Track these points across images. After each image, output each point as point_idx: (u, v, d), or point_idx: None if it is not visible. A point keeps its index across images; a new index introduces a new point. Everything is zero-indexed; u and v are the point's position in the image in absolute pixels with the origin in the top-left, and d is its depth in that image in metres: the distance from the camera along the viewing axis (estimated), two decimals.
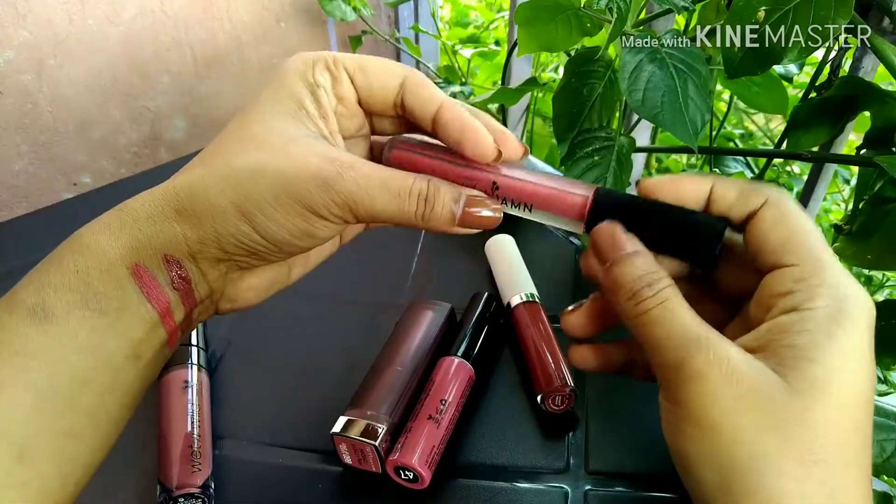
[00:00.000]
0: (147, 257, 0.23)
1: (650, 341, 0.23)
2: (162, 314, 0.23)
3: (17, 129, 0.66)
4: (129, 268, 0.23)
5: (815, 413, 0.20)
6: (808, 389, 0.20)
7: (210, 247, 0.24)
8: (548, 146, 0.87)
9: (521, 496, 0.32)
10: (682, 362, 0.22)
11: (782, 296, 0.23)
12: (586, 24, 0.41)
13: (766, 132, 0.92)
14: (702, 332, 0.22)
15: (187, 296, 0.24)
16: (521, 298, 0.41)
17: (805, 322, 0.21)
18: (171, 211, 0.24)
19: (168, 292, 0.23)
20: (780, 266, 0.23)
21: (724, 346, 0.22)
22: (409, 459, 0.31)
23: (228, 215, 0.23)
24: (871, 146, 0.40)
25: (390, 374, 0.35)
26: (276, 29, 0.79)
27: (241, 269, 0.26)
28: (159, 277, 0.23)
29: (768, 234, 0.24)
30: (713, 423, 0.21)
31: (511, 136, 0.26)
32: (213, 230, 0.23)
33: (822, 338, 0.21)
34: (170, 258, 0.23)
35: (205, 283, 0.25)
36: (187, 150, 0.78)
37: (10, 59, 0.62)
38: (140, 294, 0.23)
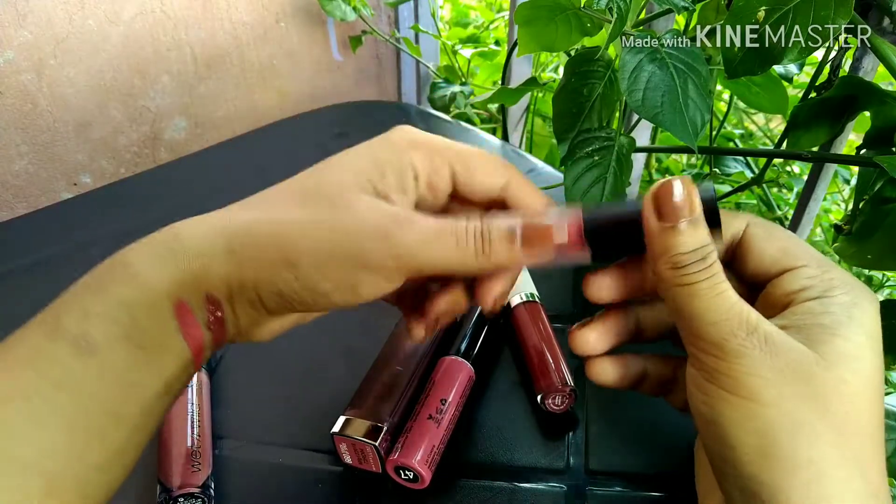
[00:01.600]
0: (191, 294, 0.23)
1: (689, 312, 0.23)
2: (195, 352, 0.24)
3: (17, 128, 0.66)
4: (173, 304, 0.23)
5: (850, 385, 0.22)
6: (840, 361, 0.22)
7: (249, 291, 0.24)
8: (548, 146, 0.87)
9: (522, 496, 0.32)
10: (725, 336, 0.22)
11: (800, 291, 0.24)
12: (586, 24, 0.41)
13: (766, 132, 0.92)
14: (744, 308, 0.23)
15: (219, 335, 0.24)
16: (521, 298, 0.41)
17: (829, 306, 0.23)
18: (222, 250, 0.23)
19: (204, 331, 0.24)
20: (787, 269, 0.25)
21: (763, 323, 0.23)
22: (410, 459, 0.31)
23: (276, 264, 0.23)
24: (871, 146, 0.40)
25: (390, 374, 0.35)
26: (276, 29, 0.79)
27: (269, 314, 0.25)
28: (199, 316, 0.23)
29: (764, 247, 0.26)
30: (755, 392, 0.22)
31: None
32: (255, 276, 0.23)
33: (845, 318, 0.23)
34: (211, 298, 0.24)
35: (235, 325, 0.25)
36: (187, 150, 0.78)
37: (10, 59, 0.62)
38: (178, 331, 0.23)
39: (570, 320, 0.42)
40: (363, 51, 0.87)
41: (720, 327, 0.23)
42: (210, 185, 0.58)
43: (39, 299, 0.24)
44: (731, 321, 0.23)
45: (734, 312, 0.23)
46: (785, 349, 0.22)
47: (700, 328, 0.23)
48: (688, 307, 0.23)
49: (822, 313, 0.23)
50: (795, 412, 0.21)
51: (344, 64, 0.88)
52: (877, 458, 0.22)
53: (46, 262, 0.50)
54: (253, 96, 0.81)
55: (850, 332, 0.23)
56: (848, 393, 0.22)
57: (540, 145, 0.87)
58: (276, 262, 0.23)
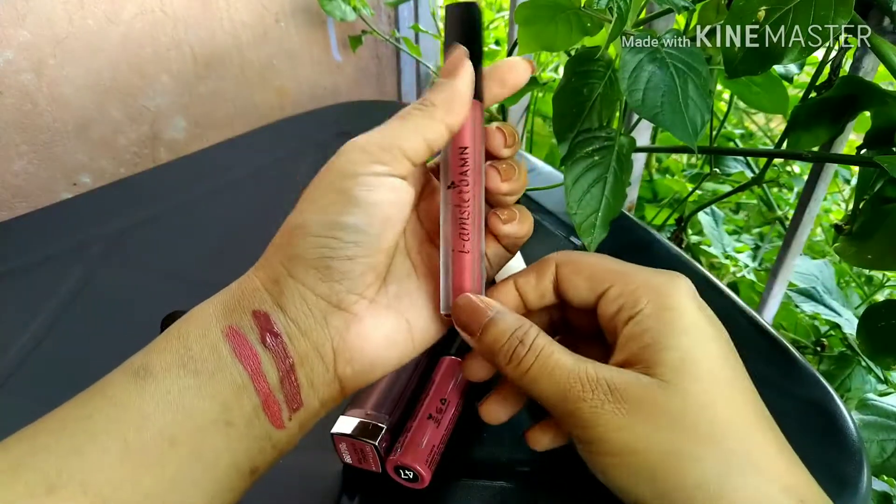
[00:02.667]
0: (239, 317, 0.23)
1: (543, 397, 0.24)
2: (252, 374, 0.23)
3: (16, 128, 0.66)
4: (223, 330, 0.23)
5: (698, 393, 0.22)
6: (677, 375, 0.23)
7: (288, 280, 0.24)
8: (548, 146, 0.87)
9: (521, 495, 0.32)
10: (576, 405, 0.23)
11: (616, 314, 0.25)
12: (586, 23, 0.41)
13: (766, 132, 0.92)
14: (580, 371, 0.24)
15: (279, 353, 0.23)
16: None
17: (642, 322, 0.24)
18: (254, 269, 0.25)
19: (259, 351, 0.23)
20: (599, 295, 0.26)
21: (603, 374, 0.23)
22: (410, 459, 0.31)
23: (290, 235, 0.24)
24: (872, 146, 0.40)
25: (390, 373, 0.35)
26: (276, 29, 0.79)
27: (335, 307, 0.24)
28: (250, 336, 0.23)
29: (574, 281, 0.27)
30: (626, 446, 0.22)
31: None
32: (282, 262, 0.24)
33: (661, 327, 0.24)
34: (258, 313, 0.24)
35: (301, 337, 0.24)
36: (187, 150, 0.78)
37: (9, 58, 0.62)
38: (233, 355, 0.23)
39: None
40: (363, 51, 0.87)
41: (568, 398, 0.23)
42: (210, 185, 0.58)
43: (39, 299, 0.23)
44: (574, 387, 0.23)
45: (573, 377, 0.23)
46: (629, 390, 0.23)
47: (554, 406, 0.24)
48: (537, 392, 0.24)
49: (641, 333, 0.24)
50: (666, 445, 0.22)
51: (344, 64, 0.88)
52: (769, 439, 0.23)
53: (46, 262, 0.50)
54: (253, 96, 0.81)
55: (671, 340, 0.23)
56: (701, 401, 0.22)
57: (540, 145, 0.87)
58: (289, 234, 0.24)
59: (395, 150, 0.24)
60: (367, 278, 0.25)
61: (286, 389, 0.24)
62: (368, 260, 0.24)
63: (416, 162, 0.25)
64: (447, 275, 0.26)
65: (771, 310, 0.62)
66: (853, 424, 0.35)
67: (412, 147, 0.24)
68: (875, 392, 0.57)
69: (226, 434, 0.22)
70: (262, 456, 0.24)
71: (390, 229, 0.25)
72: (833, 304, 0.59)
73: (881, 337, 0.39)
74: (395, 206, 0.25)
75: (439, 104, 0.25)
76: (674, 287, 0.25)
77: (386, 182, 0.24)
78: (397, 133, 0.24)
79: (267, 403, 0.23)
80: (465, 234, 0.26)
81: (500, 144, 0.27)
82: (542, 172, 0.58)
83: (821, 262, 0.63)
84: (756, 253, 0.81)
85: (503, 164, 0.27)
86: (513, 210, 0.28)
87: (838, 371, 0.58)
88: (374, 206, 0.24)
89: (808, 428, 0.35)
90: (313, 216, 0.24)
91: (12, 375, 0.40)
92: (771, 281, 0.59)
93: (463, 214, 0.26)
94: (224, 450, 0.22)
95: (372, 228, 0.24)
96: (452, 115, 0.25)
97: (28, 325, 0.43)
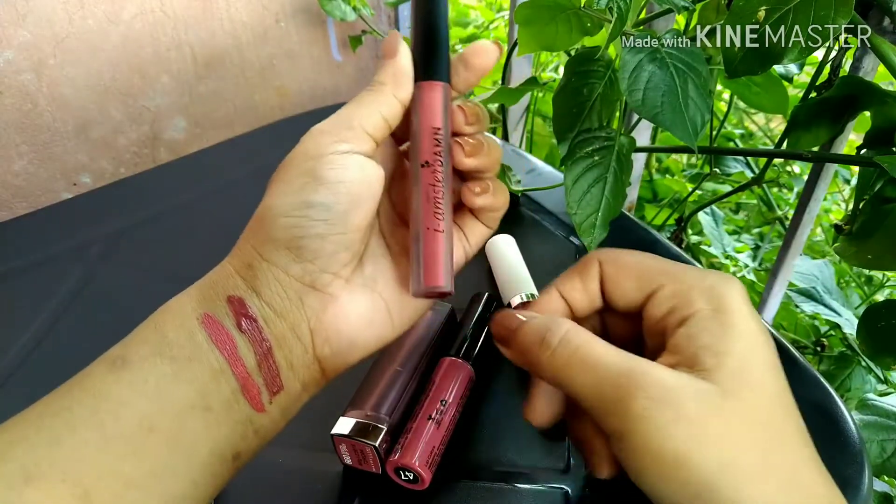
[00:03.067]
0: (214, 304, 0.24)
1: (583, 394, 0.23)
2: (230, 359, 0.23)
3: (16, 128, 0.66)
4: (199, 318, 0.23)
5: (756, 401, 0.22)
6: (736, 381, 0.22)
7: (261, 263, 0.24)
8: (548, 146, 0.87)
9: (522, 497, 0.32)
10: (621, 407, 0.21)
11: (668, 315, 0.24)
12: (586, 23, 0.41)
13: (766, 132, 0.92)
14: (632, 365, 0.22)
15: (256, 336, 0.24)
16: (521, 298, 0.41)
17: (699, 323, 0.23)
18: (228, 257, 0.25)
19: (234, 335, 0.23)
20: (649, 295, 0.25)
21: (658, 372, 0.22)
22: (410, 460, 0.31)
23: (259, 220, 0.25)
24: (872, 146, 0.40)
25: (390, 374, 0.35)
26: (276, 29, 0.79)
27: (310, 287, 0.24)
28: (225, 321, 0.23)
29: (621, 281, 0.26)
30: (675, 454, 0.21)
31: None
32: (253, 245, 0.24)
33: (719, 330, 0.23)
34: (232, 298, 0.24)
35: (277, 318, 0.24)
36: (187, 150, 0.78)
37: (9, 59, 0.62)
38: (209, 341, 0.23)
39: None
40: (363, 51, 0.87)
41: (617, 394, 0.22)
42: (210, 185, 0.58)
43: (38, 299, 0.24)
44: (622, 383, 0.22)
45: (623, 371, 0.22)
46: (687, 393, 0.21)
47: (597, 403, 0.22)
48: (578, 387, 0.23)
49: (697, 334, 0.23)
50: (722, 459, 0.20)
51: (344, 64, 0.88)
52: (810, 456, 0.22)
53: (46, 262, 0.50)
54: (253, 96, 0.81)
55: (730, 344, 0.22)
56: (759, 416, 0.21)
57: (540, 145, 0.87)
58: (259, 219, 0.25)
59: (357, 129, 0.25)
60: (341, 257, 0.25)
61: (265, 372, 0.24)
62: (340, 238, 0.24)
63: (377, 138, 0.26)
64: (419, 255, 0.26)
65: (771, 310, 0.62)
66: (853, 425, 0.35)
67: (372, 124, 0.25)
68: (875, 392, 0.57)
69: (205, 419, 0.22)
70: (245, 441, 0.24)
71: (360, 207, 0.25)
72: (833, 304, 0.59)
73: (881, 337, 0.39)
74: (363, 184, 0.25)
75: (387, 81, 0.26)
76: (729, 288, 0.24)
77: (351, 160, 0.24)
78: (356, 113, 0.25)
79: (246, 387, 0.23)
80: (439, 212, 0.26)
81: (462, 122, 0.27)
82: (542, 172, 0.58)
83: (821, 262, 0.63)
84: (756, 253, 0.81)
85: (468, 140, 0.27)
86: (485, 182, 0.28)
87: (838, 371, 0.58)
88: (340, 183, 0.24)
89: (809, 428, 0.34)
90: (282, 198, 0.24)
91: (12, 375, 0.40)
92: (771, 281, 0.59)
93: (437, 193, 0.26)
94: (204, 435, 0.22)
95: (339, 206, 0.24)
96: (400, 89, 0.26)
97: (28, 325, 0.43)
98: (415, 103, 0.27)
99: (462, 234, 0.29)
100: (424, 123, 0.27)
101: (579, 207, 0.41)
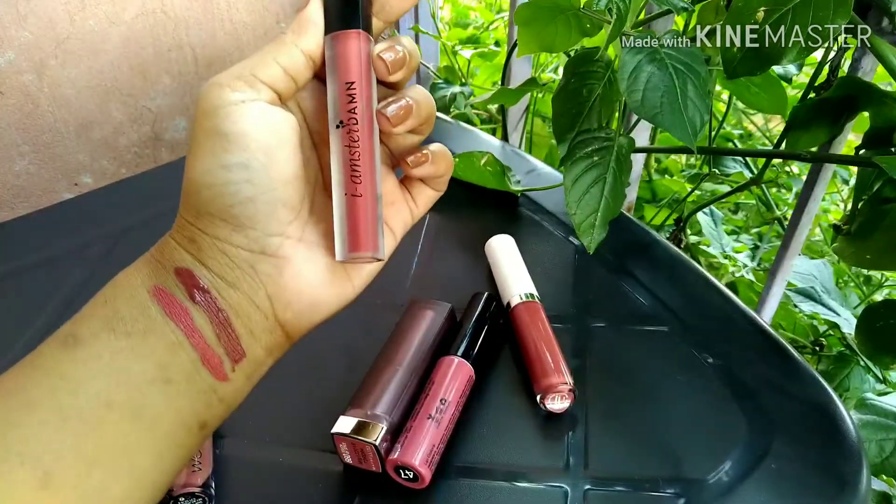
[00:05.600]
0: (163, 277, 0.23)
1: None
2: (187, 332, 0.23)
3: (18, 129, 0.66)
4: (149, 291, 0.23)
5: None
6: None
7: (192, 225, 0.23)
8: (547, 146, 0.87)
9: (521, 496, 0.32)
10: None
11: None
12: (586, 24, 0.42)
13: (765, 132, 0.92)
14: None
15: (211, 307, 0.23)
16: (520, 298, 0.41)
17: None
18: (169, 232, 0.24)
19: (189, 307, 0.23)
20: None
21: None
22: (410, 459, 0.31)
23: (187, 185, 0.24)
24: (870, 146, 0.40)
25: (390, 373, 0.35)
26: (277, 30, 0.79)
27: (260, 254, 0.24)
28: (177, 294, 0.23)
29: None
30: None
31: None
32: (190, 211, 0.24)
33: None
34: (180, 270, 0.23)
35: (230, 289, 0.24)
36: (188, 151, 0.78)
37: (11, 59, 0.62)
38: (163, 314, 0.23)
39: (570, 320, 0.42)
40: None
41: None
42: None
43: (39, 299, 0.24)
44: None
45: None
46: None
47: None
48: None
49: None
50: None
51: None
52: None
53: (47, 262, 0.50)
54: None
55: None
56: None
57: (540, 145, 0.87)
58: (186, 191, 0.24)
59: (248, 76, 0.23)
60: (281, 215, 0.24)
61: (225, 342, 0.23)
62: (270, 195, 0.23)
63: (278, 89, 0.24)
64: (341, 220, 0.25)
65: (770, 310, 0.62)
66: (852, 424, 0.35)
67: (266, 72, 0.23)
68: (874, 392, 0.57)
69: (164, 392, 0.22)
70: (209, 410, 0.23)
71: (277, 158, 0.23)
72: (832, 303, 0.60)
73: (880, 336, 0.39)
74: (270, 132, 0.23)
75: (289, 31, 0.25)
76: None
77: (250, 109, 0.23)
78: (249, 62, 0.24)
79: (206, 357, 0.23)
80: (356, 176, 0.24)
81: (384, 72, 0.25)
82: (542, 173, 0.58)
83: (819, 262, 0.63)
84: (755, 253, 0.81)
85: (391, 107, 0.25)
86: (422, 152, 0.26)
87: (837, 371, 0.58)
88: (245, 135, 0.23)
89: (808, 428, 0.35)
90: (196, 165, 0.23)
91: None
92: (770, 281, 0.60)
93: (353, 156, 0.24)
94: (165, 408, 0.22)
95: (255, 161, 0.23)
96: (303, 38, 0.24)
97: (28, 326, 0.43)
98: (329, 58, 0.25)
99: (409, 195, 0.28)
100: (338, 79, 0.24)
101: (578, 208, 0.41)
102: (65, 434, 0.20)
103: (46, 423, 0.20)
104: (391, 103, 0.25)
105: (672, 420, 0.36)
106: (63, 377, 0.21)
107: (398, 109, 0.25)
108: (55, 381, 0.21)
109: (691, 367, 0.39)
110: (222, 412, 0.24)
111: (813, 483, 0.32)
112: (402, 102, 0.25)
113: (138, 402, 0.22)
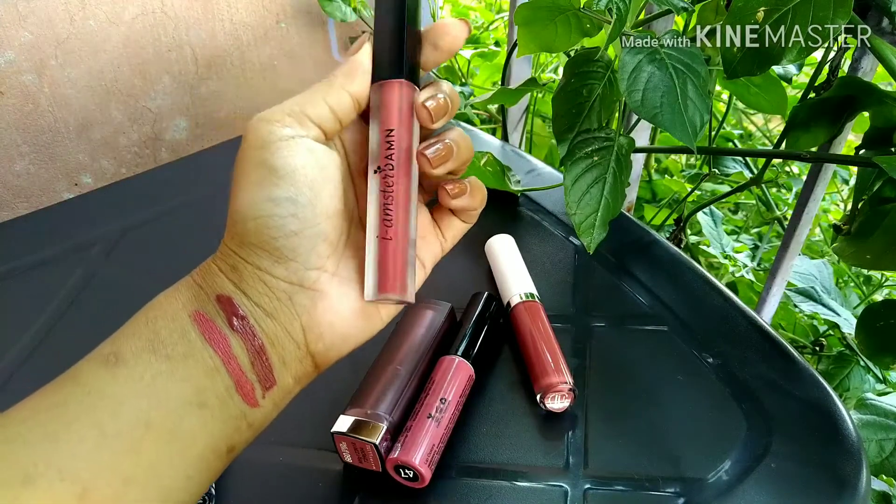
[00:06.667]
0: (204, 303, 0.24)
1: None
2: (224, 358, 0.23)
3: (18, 129, 0.66)
4: (190, 315, 0.23)
5: None
6: None
7: (235, 253, 0.24)
8: (547, 146, 0.87)
9: (521, 495, 0.32)
10: None
11: None
12: (586, 24, 0.42)
13: (765, 132, 0.92)
14: None
15: (248, 335, 0.24)
16: (520, 298, 0.41)
17: None
18: (212, 257, 0.25)
19: (227, 334, 0.23)
20: None
21: None
22: (410, 458, 0.31)
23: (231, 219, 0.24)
24: (870, 146, 0.40)
25: (390, 373, 0.35)
26: (277, 29, 0.79)
27: (298, 286, 0.24)
28: (217, 320, 0.23)
29: None
30: None
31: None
32: (234, 244, 0.24)
33: None
34: (221, 297, 0.24)
35: (267, 318, 0.24)
36: (188, 151, 0.78)
37: (11, 59, 0.62)
38: (203, 340, 0.23)
39: (570, 320, 0.43)
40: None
41: None
42: (211, 186, 0.59)
43: (39, 299, 0.24)
44: None
45: None
46: None
47: None
48: None
49: None
50: None
51: None
52: None
53: (47, 262, 0.50)
54: (254, 97, 0.81)
55: None
56: None
57: (540, 145, 0.87)
58: (232, 221, 0.24)
59: (298, 114, 0.24)
60: (320, 249, 0.25)
61: (258, 370, 0.24)
62: (314, 230, 0.24)
63: (324, 128, 0.25)
64: (373, 261, 0.26)
65: (770, 310, 0.62)
66: (852, 424, 0.35)
67: (315, 111, 0.24)
68: (874, 391, 0.57)
69: (200, 416, 0.23)
70: (239, 435, 0.24)
71: (322, 193, 0.24)
72: (832, 303, 0.60)
73: (880, 336, 0.39)
74: (317, 168, 0.24)
75: (339, 74, 0.25)
76: None
77: (299, 144, 0.24)
78: (299, 100, 0.25)
79: (240, 384, 0.24)
80: (388, 220, 0.25)
81: (428, 120, 0.26)
82: (542, 173, 0.58)
83: (819, 262, 0.63)
84: (755, 253, 0.81)
85: (432, 149, 0.26)
86: (462, 184, 0.27)
87: (837, 371, 0.58)
88: (294, 171, 0.24)
89: (808, 428, 0.35)
90: (243, 196, 0.24)
91: (12, 375, 0.40)
92: (770, 281, 0.60)
93: (387, 200, 0.25)
94: (200, 431, 0.23)
95: (301, 196, 0.24)
96: (351, 82, 0.25)
97: (29, 325, 0.43)
98: (374, 104, 0.26)
99: (438, 230, 0.29)
100: (379, 125, 0.26)
101: (578, 208, 0.41)
102: (103, 452, 0.21)
103: (86, 439, 0.21)
104: (431, 145, 0.26)
105: (672, 419, 0.36)
106: (104, 395, 0.22)
107: (438, 151, 0.26)
108: (96, 399, 0.21)
109: (691, 367, 0.39)
110: (249, 437, 0.25)
111: (813, 483, 0.32)
112: (442, 145, 0.26)
113: (175, 424, 0.22)
